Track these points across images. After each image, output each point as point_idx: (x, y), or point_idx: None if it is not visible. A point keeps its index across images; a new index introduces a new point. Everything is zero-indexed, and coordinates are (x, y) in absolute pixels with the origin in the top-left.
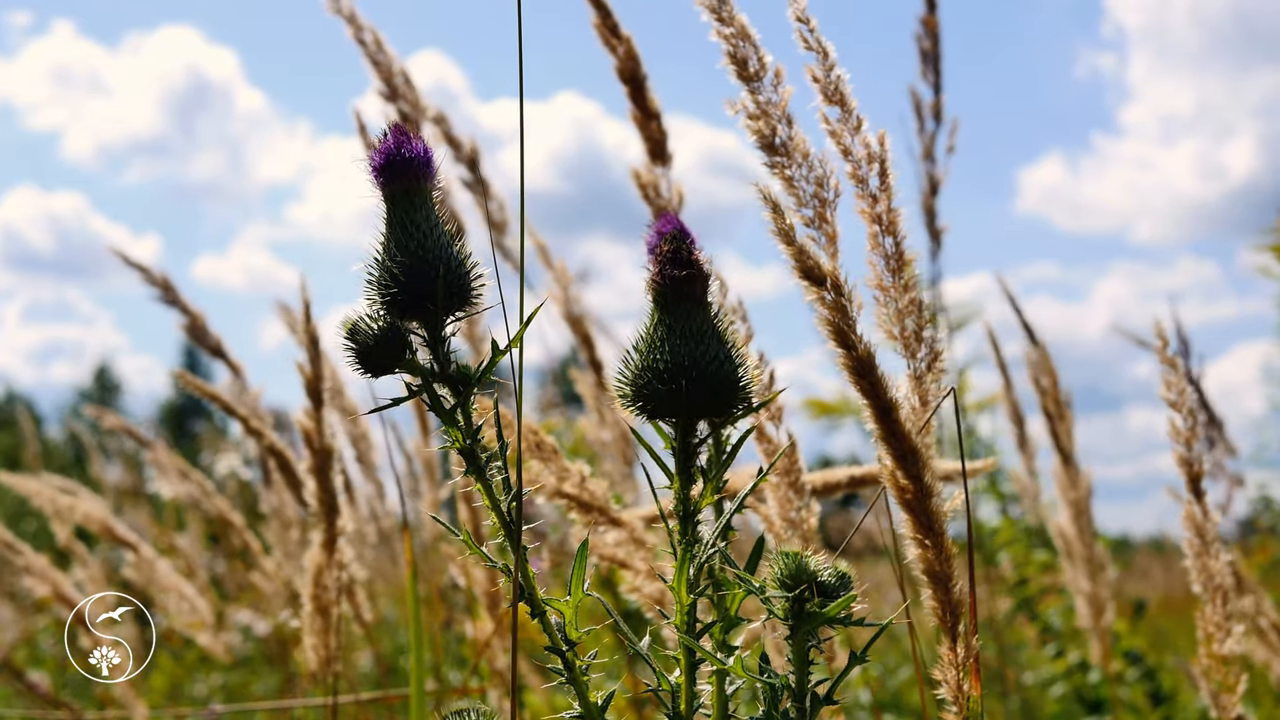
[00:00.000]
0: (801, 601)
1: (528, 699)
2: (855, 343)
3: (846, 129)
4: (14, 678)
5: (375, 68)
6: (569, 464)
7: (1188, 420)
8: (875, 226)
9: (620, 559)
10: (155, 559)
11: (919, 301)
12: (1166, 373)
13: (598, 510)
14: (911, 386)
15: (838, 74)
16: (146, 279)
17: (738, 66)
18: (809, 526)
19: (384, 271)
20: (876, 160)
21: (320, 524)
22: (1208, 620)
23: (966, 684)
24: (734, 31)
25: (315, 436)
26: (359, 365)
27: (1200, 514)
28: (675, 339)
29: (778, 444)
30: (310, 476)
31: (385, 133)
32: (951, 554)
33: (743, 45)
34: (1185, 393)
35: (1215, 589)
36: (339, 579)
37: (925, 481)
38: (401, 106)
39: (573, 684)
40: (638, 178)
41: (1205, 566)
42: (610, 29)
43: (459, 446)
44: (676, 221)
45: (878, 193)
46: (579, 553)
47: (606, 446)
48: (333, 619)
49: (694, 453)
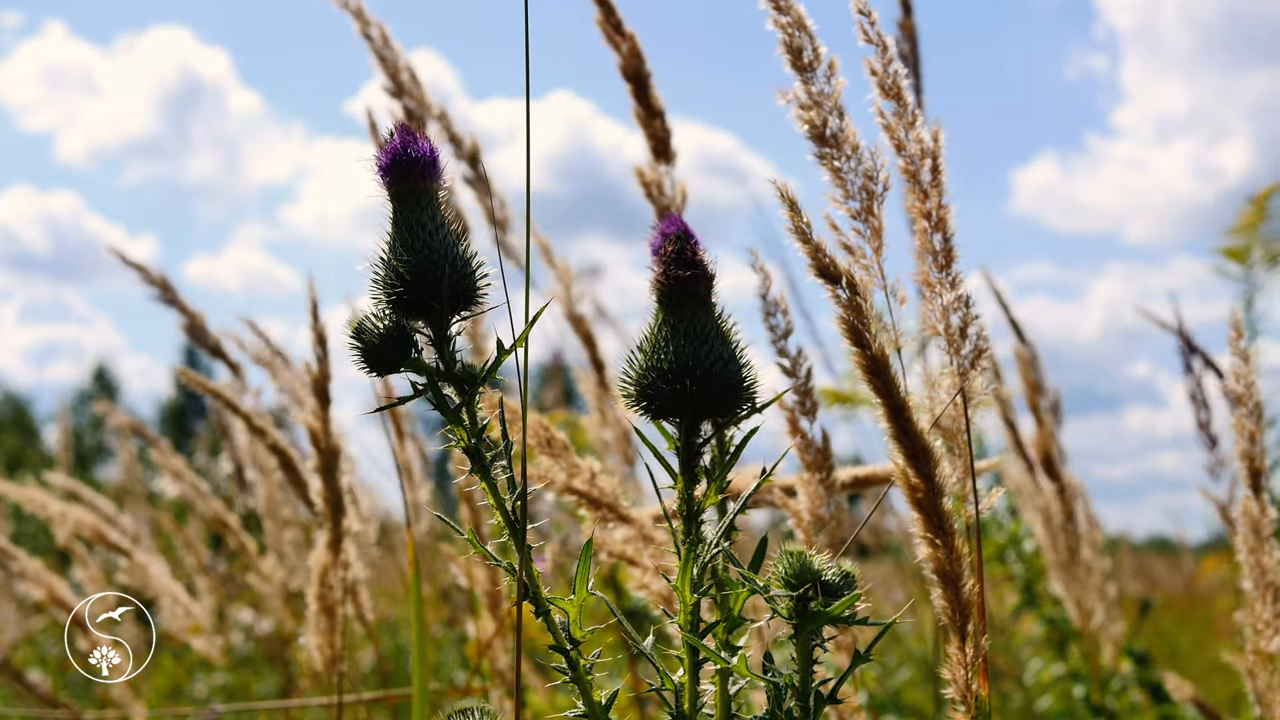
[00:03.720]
0: (805, 601)
1: (530, 699)
2: (870, 341)
3: (901, 123)
4: (14, 678)
5: (382, 63)
6: (579, 460)
7: (1253, 415)
8: (924, 222)
9: (629, 556)
10: (149, 562)
11: (965, 298)
12: (1237, 365)
13: (607, 507)
14: (955, 382)
15: (895, 68)
16: (145, 278)
17: (792, 56)
18: (837, 524)
19: (390, 270)
20: (929, 155)
21: (326, 523)
22: (1256, 617)
23: (975, 684)
24: (791, 20)
25: (322, 436)
26: (365, 364)
27: (1257, 510)
28: (679, 339)
29: (811, 439)
30: (317, 475)
31: (391, 132)
32: (962, 554)
33: (798, 35)
34: (1253, 387)
35: (1267, 585)
36: (344, 579)
37: (936, 480)
38: (407, 103)
39: (577, 683)
40: (641, 176)
41: (1259, 562)
42: (614, 26)
43: (464, 445)
44: (680, 222)
45: (929, 188)
46: (584, 551)
47: (608, 446)
48: (338, 619)
49: (698, 453)
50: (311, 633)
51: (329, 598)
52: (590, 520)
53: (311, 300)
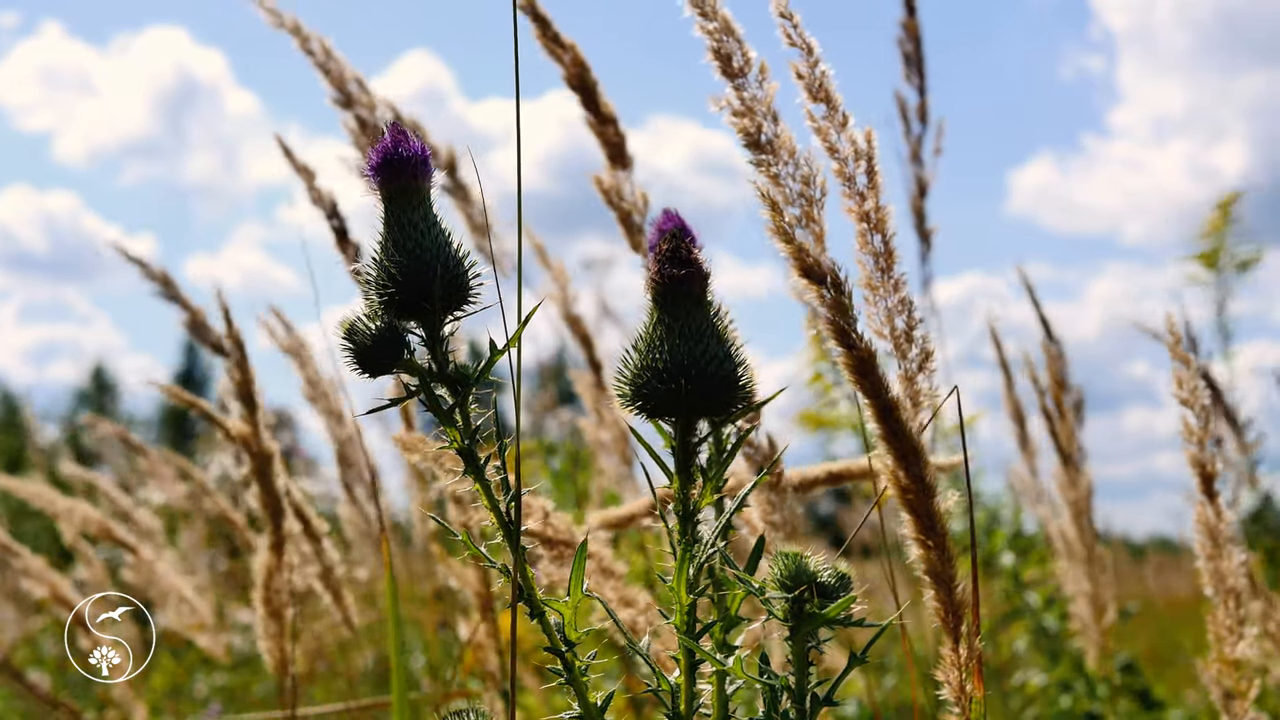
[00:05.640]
0: (801, 602)
1: (525, 700)
2: (856, 341)
3: (833, 126)
4: (14, 678)
5: (326, 76)
6: (530, 500)
7: (1200, 418)
8: (863, 224)
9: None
10: (155, 559)
11: (909, 300)
12: (1179, 369)
13: (562, 545)
14: (903, 387)
15: (822, 70)
16: (146, 274)
17: (721, 62)
18: (792, 528)
19: (381, 271)
20: (864, 157)
21: (266, 527)
22: (1219, 623)
23: (969, 685)
24: (717, 26)
25: (253, 440)
26: (357, 365)
27: (1213, 515)
28: (674, 338)
29: (760, 447)
30: (253, 479)
31: (383, 131)
32: (954, 554)
33: (727, 40)
34: (1198, 390)
35: (1228, 591)
36: (289, 581)
37: (927, 481)
38: (359, 112)
39: (572, 685)
40: (599, 183)
41: (1217, 569)
42: (552, 39)
43: (457, 447)
44: (677, 219)
45: (865, 190)
46: (578, 553)
47: (605, 446)
48: (286, 622)
49: (694, 452)
50: (261, 636)
51: (275, 600)
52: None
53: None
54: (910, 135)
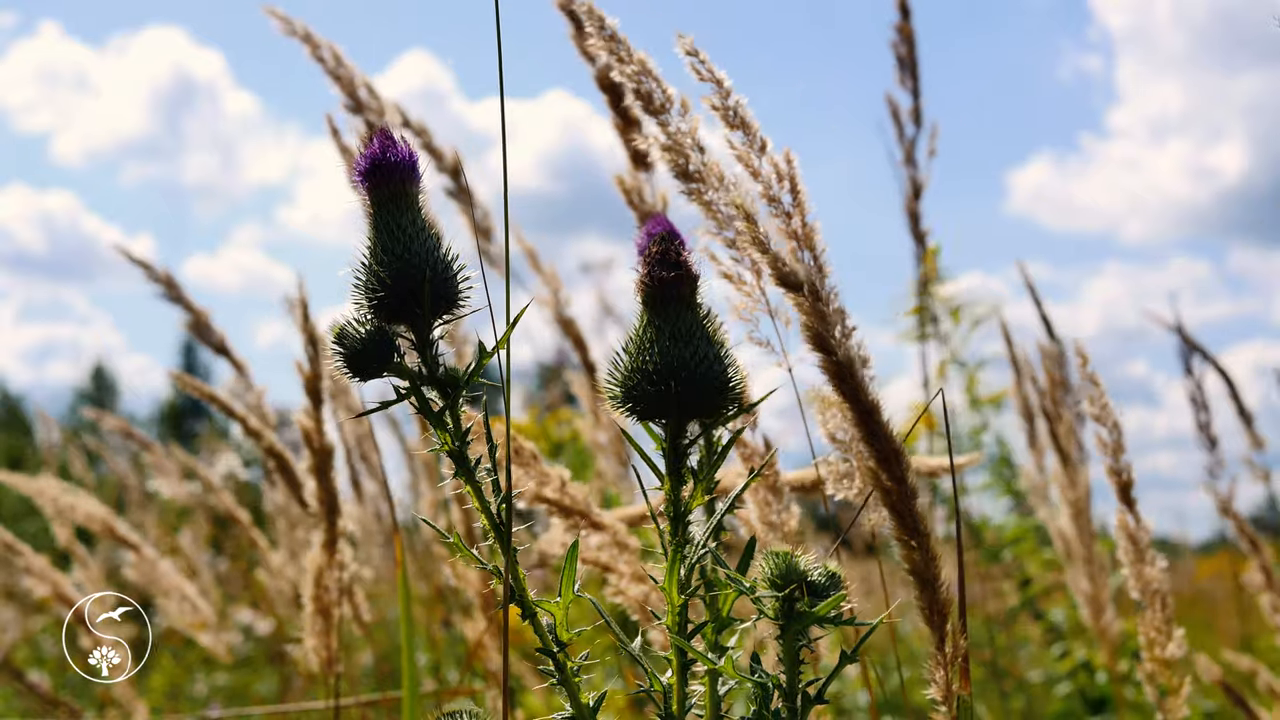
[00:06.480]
0: (792, 601)
1: (525, 699)
2: (835, 347)
3: (752, 151)
4: (14, 678)
5: (337, 82)
6: (549, 469)
7: (1113, 433)
8: (792, 242)
9: (604, 562)
10: (157, 559)
11: (842, 311)
12: (1088, 389)
13: (579, 514)
14: None
15: (736, 99)
16: (149, 276)
17: (643, 101)
18: (789, 529)
19: (370, 275)
20: (786, 178)
21: (321, 524)
22: (1149, 625)
23: (956, 683)
24: (635, 69)
25: (315, 436)
26: (347, 369)
27: (1133, 523)
28: (665, 340)
29: (755, 448)
30: (310, 476)
31: (371, 137)
32: (937, 554)
33: (645, 81)
34: (1108, 407)
35: (1153, 595)
36: (340, 580)
37: (909, 483)
38: (369, 117)
39: (564, 685)
40: (621, 184)
41: (1141, 574)
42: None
43: (448, 449)
44: (666, 223)
45: (791, 209)
46: (569, 554)
47: (602, 447)
48: (334, 620)
49: (685, 453)
50: (308, 634)
51: (325, 598)
52: (563, 528)
53: (301, 300)
54: (904, 138)
